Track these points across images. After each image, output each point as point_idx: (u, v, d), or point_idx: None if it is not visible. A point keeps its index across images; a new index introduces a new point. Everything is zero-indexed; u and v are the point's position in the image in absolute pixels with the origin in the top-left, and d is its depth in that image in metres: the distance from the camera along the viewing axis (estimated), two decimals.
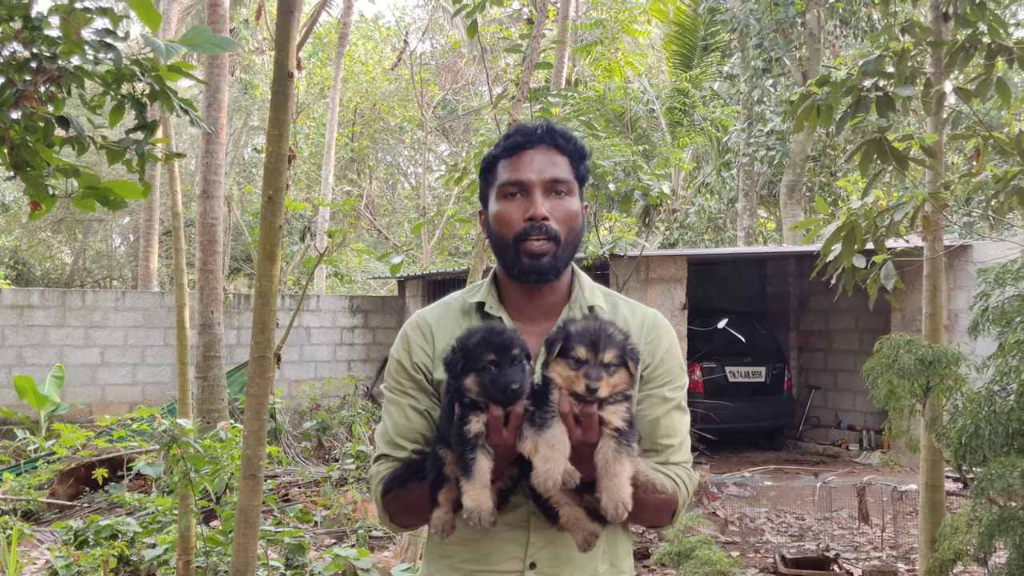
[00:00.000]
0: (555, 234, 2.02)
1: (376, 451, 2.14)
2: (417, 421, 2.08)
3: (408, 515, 2.08)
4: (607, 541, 2.06)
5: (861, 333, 13.44)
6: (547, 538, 1.99)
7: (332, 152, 18.90)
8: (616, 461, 1.77)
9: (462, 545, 2.02)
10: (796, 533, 8.31)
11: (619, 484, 1.75)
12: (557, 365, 1.80)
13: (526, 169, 2.05)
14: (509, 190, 2.05)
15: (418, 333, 2.13)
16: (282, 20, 3.35)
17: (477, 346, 1.80)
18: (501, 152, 2.10)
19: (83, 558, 6.17)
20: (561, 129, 2.13)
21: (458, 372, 1.81)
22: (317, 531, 7.80)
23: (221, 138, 8.79)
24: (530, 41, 6.13)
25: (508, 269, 2.08)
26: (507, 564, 2.00)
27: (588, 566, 2.02)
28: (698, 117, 18.05)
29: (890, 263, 5.25)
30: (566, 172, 2.07)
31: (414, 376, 2.10)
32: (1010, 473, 4.07)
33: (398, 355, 2.14)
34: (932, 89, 5.27)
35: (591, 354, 1.78)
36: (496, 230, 2.08)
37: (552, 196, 2.04)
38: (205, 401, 8.55)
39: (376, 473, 2.10)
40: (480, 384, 1.78)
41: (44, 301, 14.06)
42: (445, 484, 1.88)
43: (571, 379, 1.78)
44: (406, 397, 2.10)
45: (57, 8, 2.84)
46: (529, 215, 2.02)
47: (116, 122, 3.05)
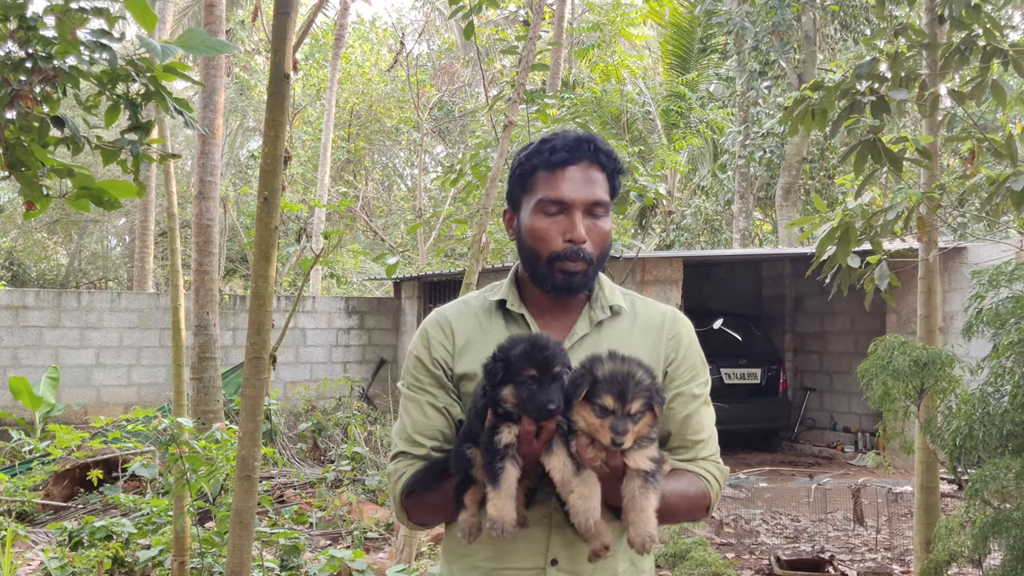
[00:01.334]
0: (590, 258, 2.03)
1: (394, 448, 2.12)
2: (436, 418, 2.07)
3: (429, 515, 2.08)
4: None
5: (856, 335, 13.46)
6: (568, 536, 1.98)
7: (328, 153, 18.89)
8: (643, 497, 1.77)
9: (482, 543, 1.99)
10: (791, 535, 8.32)
11: (646, 519, 1.76)
12: (583, 409, 1.77)
13: (569, 188, 2.03)
14: (550, 208, 2.04)
15: (438, 329, 2.12)
16: (278, 21, 3.35)
17: (519, 359, 1.78)
18: (543, 164, 2.06)
19: (78, 559, 6.15)
20: (604, 145, 2.11)
21: (497, 381, 1.80)
22: (312, 532, 7.80)
23: (217, 139, 8.78)
24: (526, 43, 6.14)
25: (539, 282, 2.07)
26: (528, 561, 1.99)
27: (609, 564, 2.02)
28: (694, 119, 18.07)
29: (884, 263, 5.26)
30: (604, 192, 2.07)
31: (433, 372, 2.09)
32: (1004, 474, 4.07)
33: (417, 351, 2.12)
34: (927, 92, 5.28)
35: (618, 404, 1.75)
36: (530, 243, 2.06)
37: (590, 217, 2.04)
38: (200, 402, 8.53)
39: (395, 471, 2.08)
40: (517, 398, 1.77)
41: (39, 302, 14.04)
42: (472, 486, 1.87)
43: (596, 427, 1.76)
44: (425, 394, 2.09)
45: (53, 8, 2.84)
46: (569, 237, 2.01)
47: (111, 122, 3.05)
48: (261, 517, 7.53)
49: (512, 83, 6.50)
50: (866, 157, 5.09)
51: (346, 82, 23.46)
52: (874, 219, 5.20)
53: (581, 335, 2.08)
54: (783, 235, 15.73)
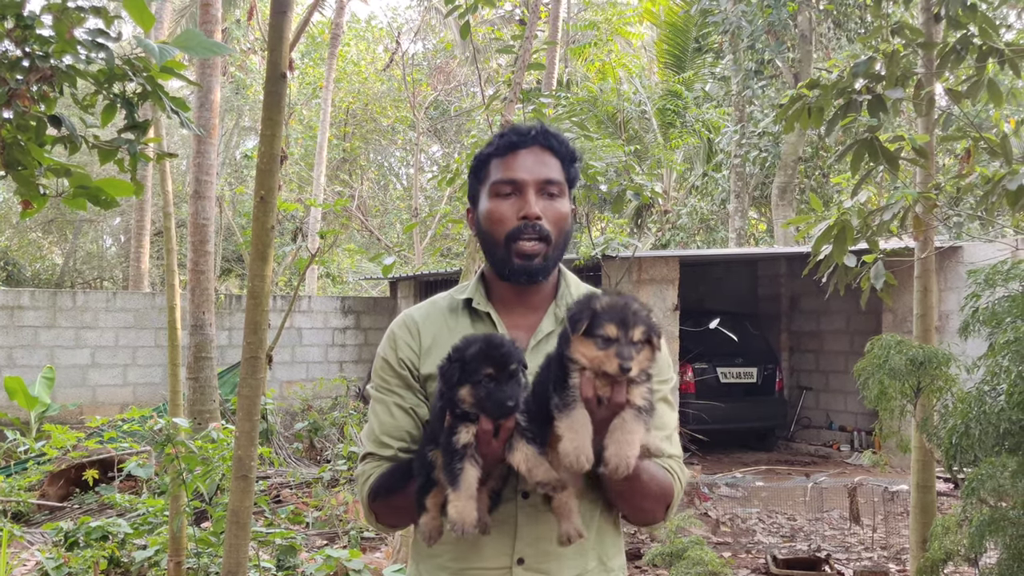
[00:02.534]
0: (547, 234, 2.04)
1: (362, 450, 2.13)
2: (403, 419, 2.08)
3: (395, 517, 2.08)
4: (596, 537, 2.05)
5: (852, 334, 13.48)
6: (535, 533, 1.98)
7: (324, 153, 18.88)
8: (634, 422, 1.74)
9: (448, 543, 2.00)
10: (787, 534, 8.33)
11: (629, 441, 1.72)
12: (582, 345, 1.74)
13: (520, 168, 2.06)
14: (503, 189, 2.06)
15: (404, 330, 2.13)
16: (275, 20, 3.34)
17: (475, 358, 1.78)
18: (494, 151, 2.10)
19: (73, 559, 6.14)
20: (554, 131, 2.14)
21: (454, 382, 1.79)
22: (309, 532, 7.79)
23: (213, 138, 8.78)
24: (522, 42, 6.14)
25: (498, 268, 2.09)
26: (494, 560, 1.99)
27: (576, 562, 2.01)
28: (690, 118, 18.09)
29: (880, 262, 5.27)
30: (558, 174, 2.09)
31: (400, 373, 2.10)
32: (1001, 473, 4.08)
33: (384, 353, 2.14)
34: (923, 91, 5.29)
35: (621, 332, 1.72)
36: (487, 228, 2.09)
37: (544, 197, 2.06)
38: (196, 402, 8.53)
39: (363, 473, 2.09)
40: (475, 397, 1.77)
41: (34, 302, 14.01)
42: (434, 488, 1.87)
43: (600, 359, 1.72)
44: (392, 395, 2.10)
45: (50, 7, 2.83)
46: (523, 214, 2.03)
47: (108, 121, 3.05)
48: (257, 517, 7.52)
49: (508, 82, 6.50)
50: (863, 156, 5.09)
51: (342, 81, 23.44)
52: (870, 218, 5.20)
53: (547, 332, 2.09)
54: (779, 234, 15.75)
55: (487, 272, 2.16)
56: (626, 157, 8.86)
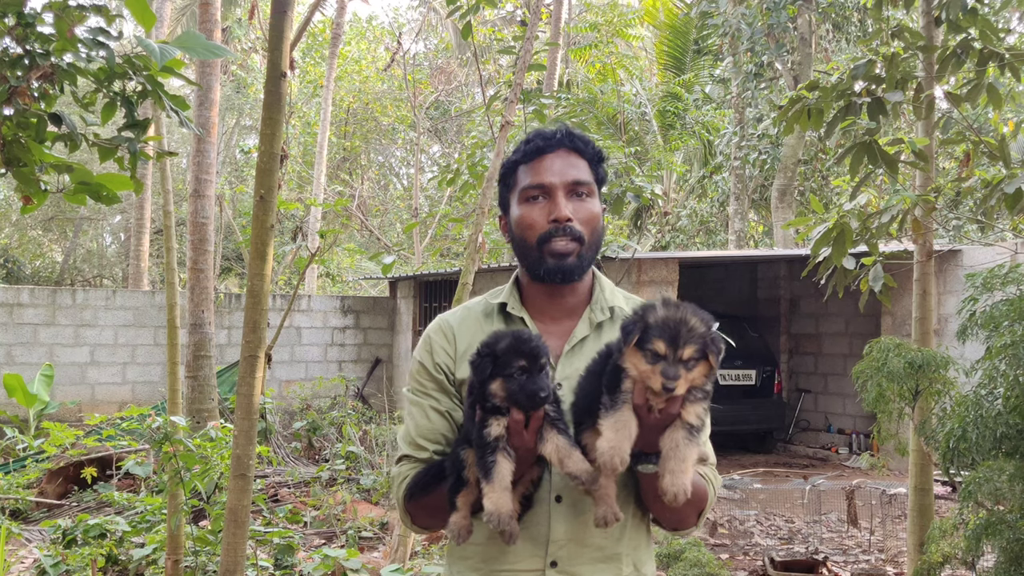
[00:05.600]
0: (579, 235, 2.04)
1: (399, 452, 2.14)
2: (438, 422, 2.08)
3: (430, 518, 2.07)
4: (631, 543, 2.05)
5: (851, 337, 13.49)
6: (568, 536, 1.98)
7: (324, 152, 18.87)
8: (686, 447, 1.72)
9: (483, 544, 2.01)
10: (785, 536, 8.33)
11: (685, 469, 1.71)
12: (633, 355, 1.72)
13: (547, 172, 2.07)
14: (531, 193, 2.07)
15: (440, 335, 2.14)
16: (275, 20, 3.34)
17: (506, 352, 1.79)
18: (521, 157, 2.11)
19: (71, 557, 6.15)
20: (579, 133, 2.15)
21: (485, 376, 1.80)
22: (307, 531, 7.79)
23: (212, 137, 8.78)
24: (523, 43, 6.14)
25: (532, 270, 2.09)
26: (527, 563, 1.99)
27: (610, 567, 2.01)
28: (690, 120, 18.09)
29: (879, 265, 5.27)
30: (586, 174, 2.09)
31: (435, 377, 2.11)
32: (998, 477, 4.09)
33: (420, 357, 2.14)
34: (923, 94, 5.29)
35: (670, 350, 1.69)
36: (519, 234, 2.09)
37: (574, 198, 2.06)
38: (195, 400, 8.52)
39: (398, 474, 2.10)
40: (507, 390, 1.78)
41: (34, 299, 14.01)
42: (464, 487, 1.88)
43: (647, 373, 1.70)
44: (427, 398, 2.11)
45: (51, 5, 2.84)
46: (553, 217, 2.04)
47: (108, 119, 3.05)
48: (255, 516, 7.52)
49: (509, 83, 6.50)
50: (862, 159, 5.10)
51: (343, 80, 23.44)
52: (870, 221, 5.21)
53: (581, 337, 2.08)
54: (779, 237, 15.76)
55: (521, 277, 2.17)
56: (626, 159, 8.86)
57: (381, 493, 8.82)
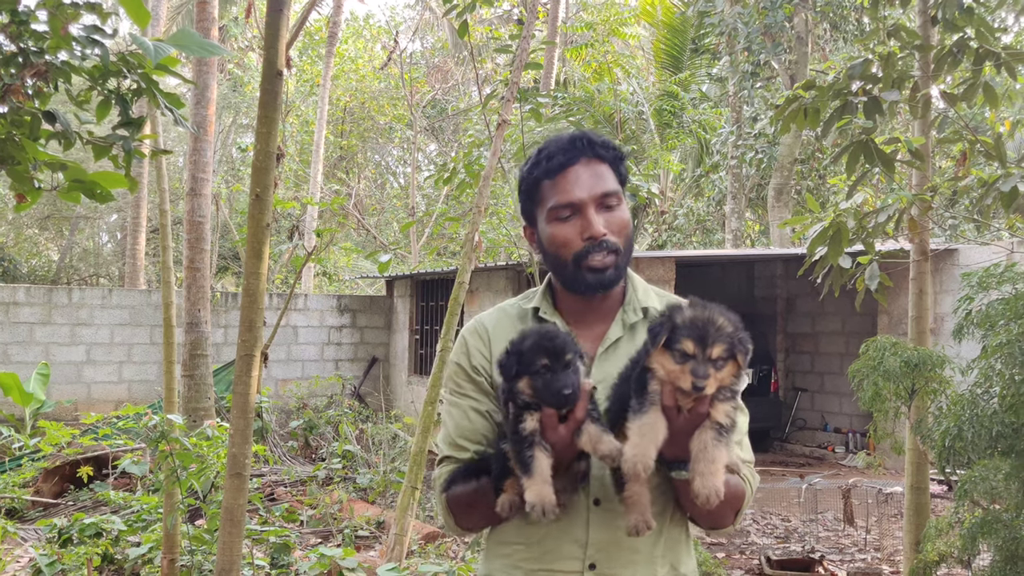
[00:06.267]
0: (616, 247, 2.01)
1: (440, 454, 2.12)
2: (479, 422, 2.07)
3: (471, 512, 2.04)
4: (666, 544, 2.03)
5: (847, 336, 13.50)
6: (607, 539, 1.97)
7: (321, 150, 18.86)
8: (715, 448, 1.70)
9: (522, 544, 2.01)
10: (781, 535, 8.34)
11: (715, 471, 1.69)
12: (661, 356, 1.71)
13: (575, 189, 2.02)
14: (562, 213, 2.02)
15: (476, 337, 2.13)
16: (271, 18, 3.34)
17: (530, 350, 1.79)
18: (543, 173, 2.06)
19: (67, 556, 6.14)
20: (598, 138, 2.09)
21: (512, 375, 1.81)
22: (303, 530, 7.79)
23: (209, 135, 8.76)
24: (520, 42, 6.14)
25: (570, 286, 2.06)
26: (567, 564, 1.97)
27: (648, 569, 1.99)
28: (687, 119, 18.09)
29: (875, 264, 5.27)
30: (612, 183, 2.05)
31: (474, 378, 2.10)
32: (994, 475, 4.09)
33: (457, 359, 2.13)
34: (919, 93, 5.30)
35: (699, 349, 1.68)
36: (553, 252, 2.06)
37: (604, 211, 2.02)
38: (191, 399, 8.51)
39: (439, 475, 2.09)
40: (533, 387, 1.78)
41: (30, 298, 13.99)
42: (509, 477, 1.87)
43: (676, 373, 1.69)
44: (467, 399, 2.10)
45: (45, 3, 2.83)
46: (588, 235, 2.00)
47: (103, 117, 3.04)
48: (252, 515, 7.52)
49: (506, 82, 6.50)
50: (858, 158, 5.10)
51: (339, 78, 23.41)
52: (866, 220, 5.21)
53: (614, 339, 2.06)
54: (775, 236, 15.77)
55: (555, 282, 2.14)
56: None
57: (378, 492, 8.82)
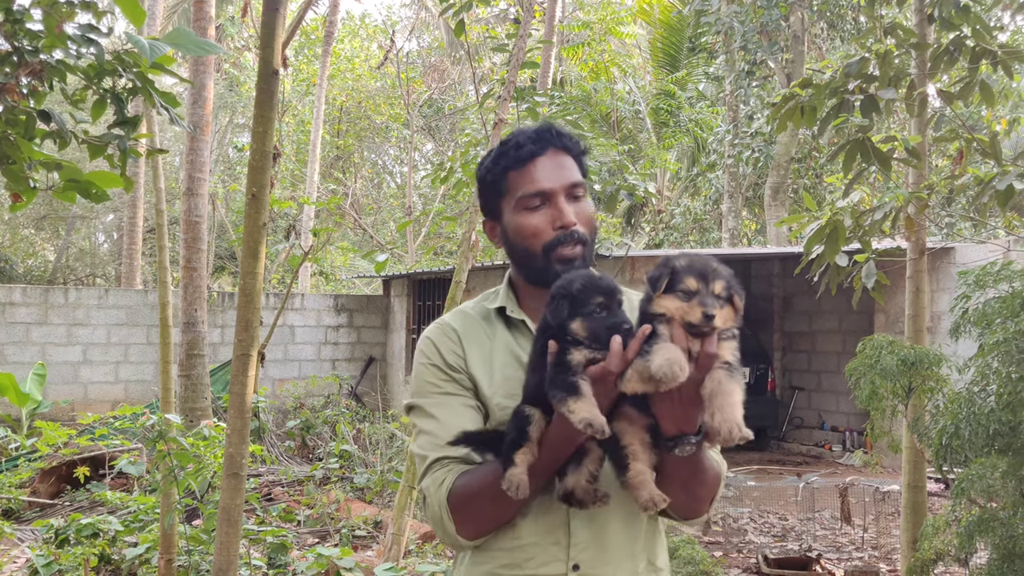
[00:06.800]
0: (584, 238, 2.00)
1: (424, 464, 1.97)
2: (471, 416, 1.98)
3: (477, 518, 1.92)
4: (645, 538, 2.02)
5: (844, 334, 13.51)
6: (589, 538, 1.94)
7: (317, 150, 18.85)
8: (729, 382, 1.69)
9: (503, 550, 1.95)
10: (779, 533, 8.34)
11: (733, 403, 1.68)
12: (664, 300, 1.68)
13: (544, 178, 2.01)
14: (531, 203, 2.01)
15: (445, 338, 2.06)
16: (267, 17, 3.33)
17: (583, 290, 1.75)
18: (512, 163, 2.04)
19: (64, 556, 6.13)
20: (563, 129, 2.09)
21: (564, 317, 1.74)
22: (300, 530, 7.78)
23: (206, 135, 8.75)
24: (516, 41, 6.13)
25: (538, 277, 2.02)
26: (550, 567, 1.93)
27: (629, 564, 1.98)
28: (684, 118, 18.10)
29: (872, 262, 5.28)
30: (578, 174, 2.05)
31: (454, 376, 2.02)
32: (991, 474, 4.10)
33: (429, 361, 2.04)
34: (915, 92, 5.30)
35: (702, 284, 1.68)
36: (520, 243, 2.03)
37: (572, 201, 2.02)
38: (188, 399, 8.51)
39: (435, 480, 1.94)
40: (588, 328, 1.73)
41: (26, 298, 13.97)
42: (525, 443, 1.79)
43: (683, 310, 1.66)
44: (452, 397, 2.01)
45: (40, 2, 2.82)
46: (560, 224, 1.99)
47: (98, 116, 3.03)
48: (249, 515, 7.51)
49: (502, 81, 6.50)
50: (855, 156, 5.10)
51: (336, 78, 23.40)
52: (863, 218, 5.21)
53: None
54: (772, 234, 15.78)
55: (515, 279, 2.11)
56: (620, 156, 8.86)
57: (375, 492, 8.81)
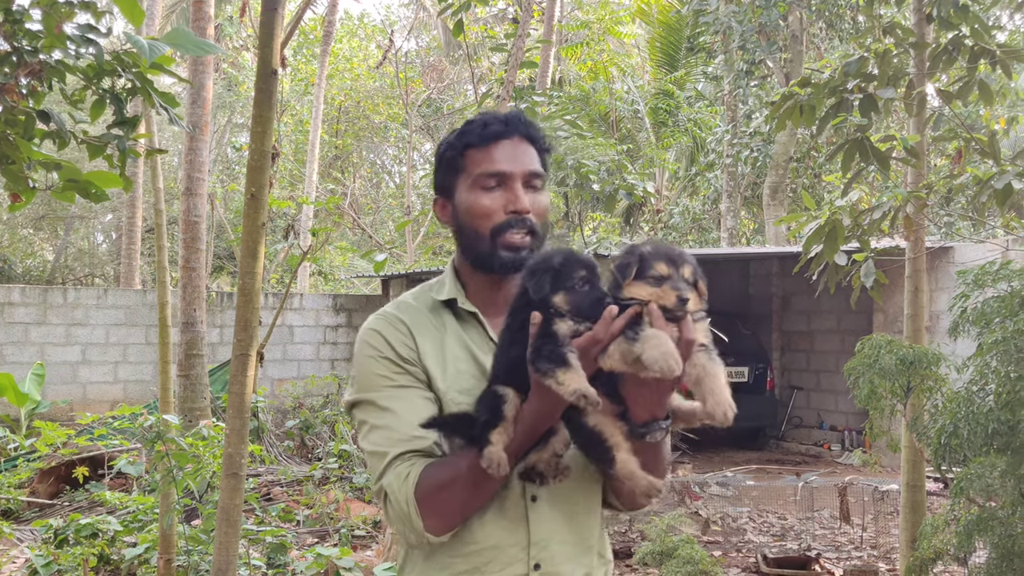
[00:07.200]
0: (535, 227, 1.97)
1: (383, 462, 1.88)
2: (428, 409, 1.90)
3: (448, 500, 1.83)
4: (600, 532, 2.02)
5: (843, 334, 13.51)
6: (548, 536, 1.91)
7: (316, 150, 18.84)
8: (713, 364, 1.70)
9: (460, 556, 1.91)
10: (778, 533, 8.34)
11: (722, 386, 1.69)
12: (636, 287, 1.69)
13: (505, 160, 1.97)
14: (488, 182, 1.97)
15: (394, 330, 1.98)
16: (266, 17, 3.33)
17: (566, 264, 1.75)
18: (475, 140, 2.00)
19: (63, 557, 6.13)
20: (531, 120, 2.06)
21: (547, 291, 1.73)
22: (299, 530, 7.78)
23: (205, 135, 8.74)
24: (515, 40, 6.14)
25: (483, 262, 1.98)
26: (512, 568, 1.89)
27: (586, 560, 1.97)
28: (682, 118, 18.10)
29: (870, 261, 5.28)
30: (539, 166, 2.02)
31: (408, 369, 1.94)
32: (989, 473, 4.10)
33: (380, 354, 1.96)
34: (914, 91, 5.30)
35: (672, 269, 1.69)
36: (469, 222, 1.98)
37: (529, 190, 1.98)
38: (187, 399, 8.50)
39: (399, 475, 1.85)
40: (572, 302, 1.72)
41: (25, 298, 13.96)
42: (501, 423, 1.76)
43: (657, 295, 1.67)
44: (408, 389, 1.93)
45: (39, 2, 2.82)
46: (513, 208, 1.95)
47: (97, 116, 3.04)
48: (248, 515, 7.51)
49: (501, 80, 6.50)
50: (853, 155, 5.11)
51: (334, 77, 23.39)
52: (861, 217, 5.22)
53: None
54: (770, 234, 15.78)
55: (460, 266, 2.06)
56: (618, 156, 8.86)
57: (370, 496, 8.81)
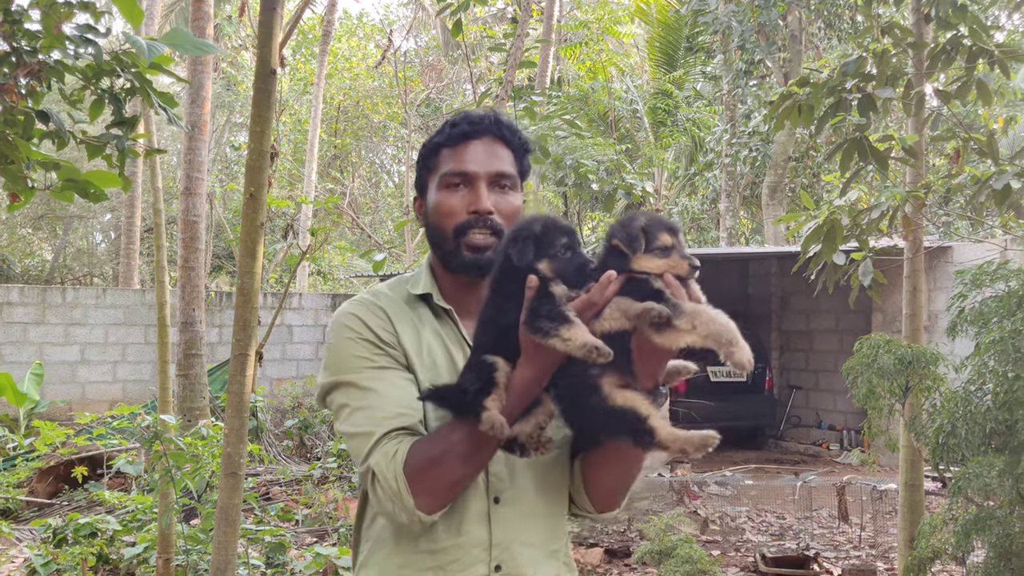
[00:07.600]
0: (499, 228, 1.95)
1: (369, 442, 1.82)
2: (411, 390, 1.87)
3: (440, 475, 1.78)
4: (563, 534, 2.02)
5: (842, 333, 13.51)
6: (510, 537, 1.90)
7: (315, 149, 18.83)
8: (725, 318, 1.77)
9: (422, 553, 1.89)
10: (776, 532, 8.35)
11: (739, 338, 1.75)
12: (645, 260, 1.70)
13: (471, 160, 1.97)
14: (452, 180, 1.97)
15: (373, 316, 1.95)
16: (265, 17, 3.33)
17: (547, 231, 1.75)
18: (446, 140, 2.01)
19: (62, 556, 6.13)
20: (508, 121, 2.06)
21: (531, 258, 1.72)
22: (298, 530, 7.78)
23: (204, 135, 8.74)
24: (514, 40, 6.14)
25: (446, 261, 1.99)
26: (473, 569, 1.88)
27: (549, 562, 1.96)
28: (681, 117, 18.10)
29: (869, 260, 5.29)
30: (510, 166, 2.01)
31: (388, 351, 1.91)
32: (987, 472, 4.10)
33: (359, 334, 1.92)
34: (913, 91, 5.31)
35: (674, 238, 1.72)
36: (435, 221, 1.99)
37: (496, 190, 1.98)
38: (186, 399, 8.49)
39: (387, 453, 1.79)
40: (555, 268, 1.72)
41: (24, 298, 13.95)
42: (493, 390, 1.74)
43: (669, 265, 1.70)
44: (389, 371, 1.89)
45: (38, 2, 2.82)
46: (473, 208, 1.94)
47: (96, 116, 3.04)
48: (247, 514, 7.51)
49: (499, 80, 6.50)
50: (852, 155, 5.11)
51: (333, 77, 23.39)
52: (860, 217, 5.22)
53: None
54: (769, 233, 15.78)
55: (435, 265, 2.06)
56: (617, 156, 8.86)
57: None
